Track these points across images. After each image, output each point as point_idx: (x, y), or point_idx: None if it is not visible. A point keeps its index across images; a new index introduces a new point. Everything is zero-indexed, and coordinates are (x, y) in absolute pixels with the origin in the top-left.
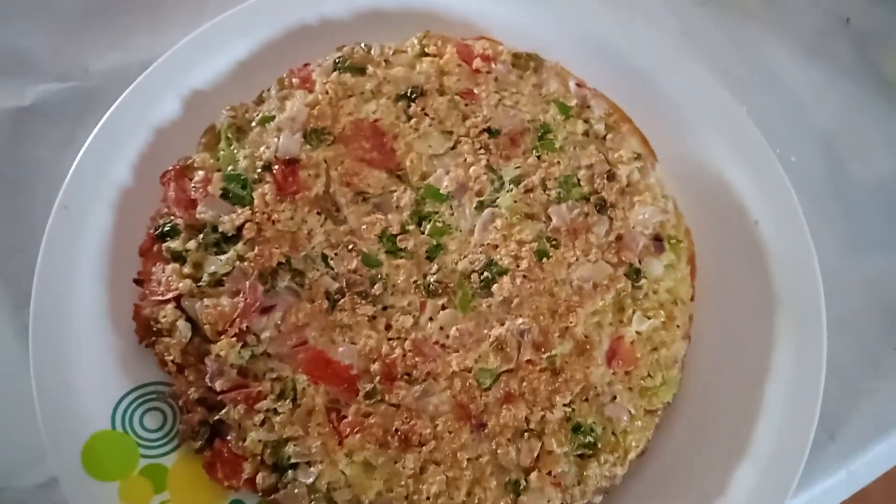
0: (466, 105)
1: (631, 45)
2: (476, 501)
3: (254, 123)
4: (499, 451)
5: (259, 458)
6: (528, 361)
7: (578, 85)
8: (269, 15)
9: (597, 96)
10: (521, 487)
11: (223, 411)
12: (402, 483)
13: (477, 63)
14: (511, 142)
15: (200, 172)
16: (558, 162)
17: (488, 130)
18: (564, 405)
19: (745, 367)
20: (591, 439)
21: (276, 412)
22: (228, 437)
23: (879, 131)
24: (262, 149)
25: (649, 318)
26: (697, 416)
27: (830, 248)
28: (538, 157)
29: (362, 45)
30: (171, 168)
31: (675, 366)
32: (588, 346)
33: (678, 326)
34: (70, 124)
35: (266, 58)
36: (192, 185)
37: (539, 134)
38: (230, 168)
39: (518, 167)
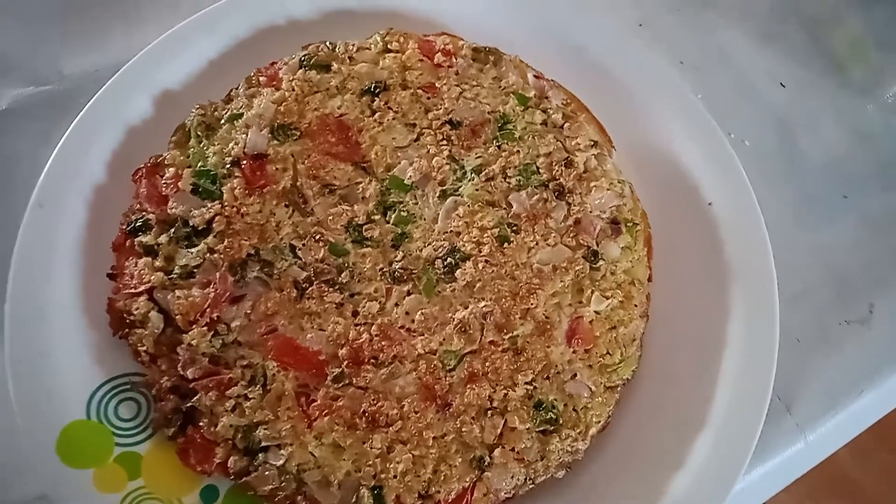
0: (429, 98)
1: (588, 35)
2: (442, 478)
3: (223, 121)
4: (463, 430)
5: (231, 442)
6: (491, 342)
7: (536, 77)
8: (239, 15)
9: (554, 87)
10: (486, 464)
11: (195, 398)
12: (370, 463)
13: (438, 58)
14: (472, 133)
15: (171, 169)
16: (518, 151)
17: (450, 122)
18: (526, 383)
19: (701, 343)
20: (553, 415)
21: (246, 398)
22: (201, 424)
23: (830, 111)
24: (230, 145)
25: (607, 297)
26: (656, 391)
27: (783, 225)
28: (499, 147)
29: (327, 43)
30: (142, 165)
31: (633, 343)
32: (548, 327)
33: (636, 306)
34: (46, 125)
35: (235, 57)
36: (164, 181)
37: (499, 124)
38: (200, 164)
39: (479, 157)
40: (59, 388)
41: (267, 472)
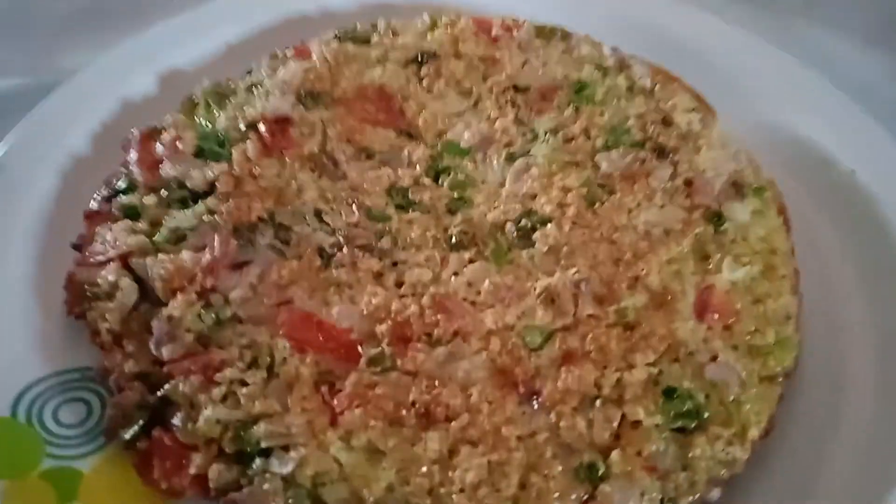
0: (487, 68)
1: (670, 20)
2: (535, 495)
3: (240, 89)
4: (561, 425)
5: (215, 445)
6: (591, 316)
7: (614, 49)
8: (268, 2)
9: (636, 60)
10: (600, 473)
11: (169, 386)
12: (424, 471)
13: (497, 32)
14: (542, 97)
15: (171, 131)
16: (602, 113)
17: (515, 87)
18: (648, 365)
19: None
20: (692, 407)
21: (243, 384)
22: (174, 423)
23: None
24: (247, 109)
25: (744, 265)
26: (831, 394)
27: None
28: (576, 110)
29: (366, 24)
30: (135, 132)
31: (788, 322)
32: (669, 298)
33: (783, 276)
34: None
35: (259, 44)
36: (160, 143)
37: (575, 89)
38: (208, 127)
39: (554, 119)
40: None
41: (266, 486)
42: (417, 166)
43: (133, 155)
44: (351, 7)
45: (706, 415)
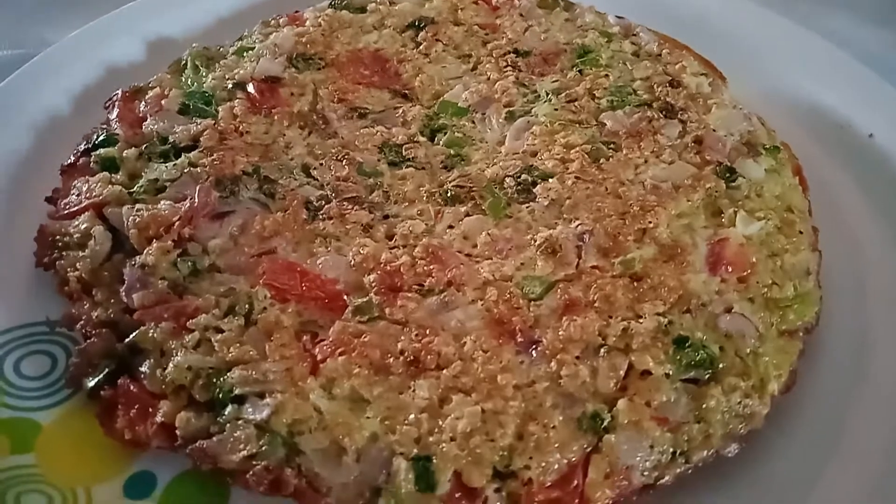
0: (487, 34)
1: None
2: (532, 445)
3: (230, 54)
4: (563, 373)
5: (185, 394)
6: (595, 267)
7: (619, 17)
8: None
9: (643, 28)
10: (605, 423)
11: (138, 333)
12: (411, 419)
13: (497, 1)
14: (544, 61)
15: (155, 90)
16: (606, 75)
17: (515, 51)
18: (657, 314)
19: None
20: (706, 356)
21: (218, 331)
22: (141, 370)
23: None
24: (235, 70)
25: (759, 219)
26: (856, 352)
27: None
28: (580, 72)
29: None
30: (117, 92)
31: (808, 277)
32: (679, 251)
33: (800, 232)
34: None
35: (252, 14)
36: (144, 102)
37: (578, 53)
38: (194, 86)
39: (556, 81)
40: None
41: (238, 433)
42: (412, 125)
43: (115, 112)
44: None
45: (720, 365)
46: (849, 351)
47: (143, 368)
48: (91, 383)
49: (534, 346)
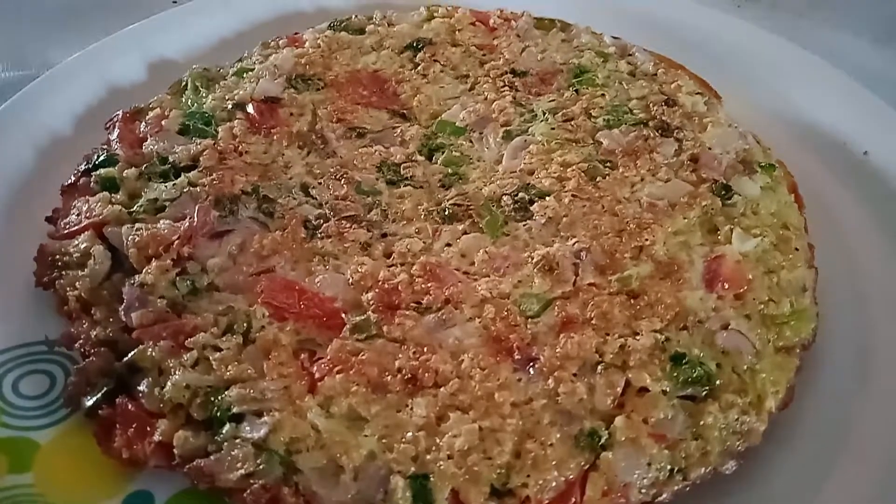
0: (484, 55)
1: (672, 14)
2: (529, 463)
3: (229, 75)
4: (560, 391)
5: (183, 412)
6: (592, 285)
7: (615, 38)
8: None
9: (639, 48)
10: (602, 440)
11: (136, 352)
12: (409, 437)
13: (495, 21)
14: (541, 81)
15: (156, 111)
16: (602, 95)
17: (512, 72)
18: (654, 331)
19: None
20: (703, 373)
21: (216, 349)
22: (140, 389)
23: None
24: (235, 91)
25: (755, 236)
26: (856, 368)
27: None
28: (576, 92)
29: (361, 16)
30: (118, 113)
31: (804, 294)
32: (675, 268)
33: (796, 249)
34: None
35: (252, 36)
36: (145, 122)
37: (575, 73)
38: (194, 107)
39: (553, 101)
40: None
41: (235, 451)
42: (410, 145)
43: (115, 132)
44: (348, 5)
45: (717, 382)
46: (848, 367)
47: (142, 387)
48: (89, 402)
49: (531, 364)
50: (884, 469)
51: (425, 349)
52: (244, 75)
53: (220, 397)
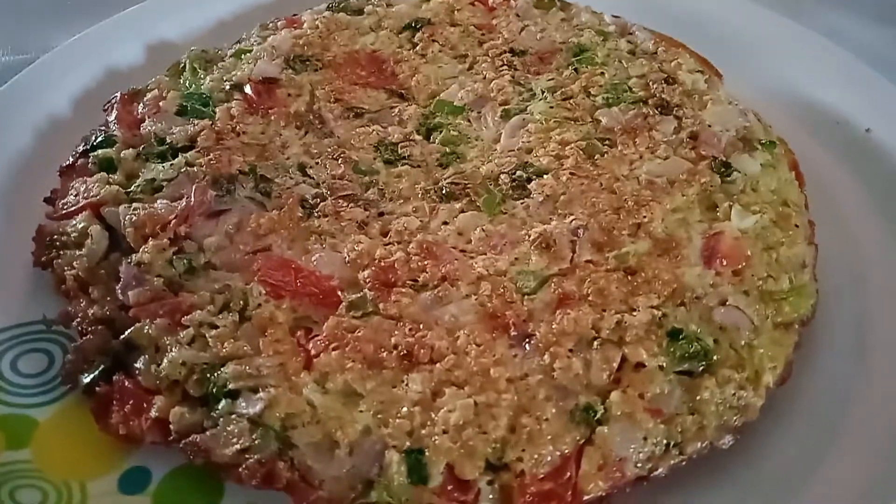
0: (483, 34)
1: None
2: (525, 437)
3: (227, 56)
4: (556, 366)
5: (179, 389)
6: (589, 262)
7: (616, 17)
8: None
9: (639, 27)
10: (598, 415)
11: (133, 329)
12: (404, 412)
13: (494, 1)
14: (540, 60)
15: (154, 92)
16: (602, 73)
17: (511, 51)
18: (652, 307)
19: None
20: (700, 348)
21: (213, 326)
22: (136, 366)
23: None
24: (233, 72)
25: (754, 213)
26: (854, 345)
27: None
28: (575, 70)
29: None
30: (116, 95)
31: (804, 270)
32: (673, 244)
33: (796, 226)
34: None
35: (252, 18)
36: (142, 103)
37: (574, 52)
38: (192, 88)
39: (552, 80)
40: None
41: (231, 427)
42: (408, 124)
43: (114, 114)
44: None
45: (714, 357)
46: (846, 344)
47: (138, 364)
48: (86, 380)
49: (527, 340)
50: (881, 444)
51: (421, 326)
52: (242, 57)
53: (216, 374)
